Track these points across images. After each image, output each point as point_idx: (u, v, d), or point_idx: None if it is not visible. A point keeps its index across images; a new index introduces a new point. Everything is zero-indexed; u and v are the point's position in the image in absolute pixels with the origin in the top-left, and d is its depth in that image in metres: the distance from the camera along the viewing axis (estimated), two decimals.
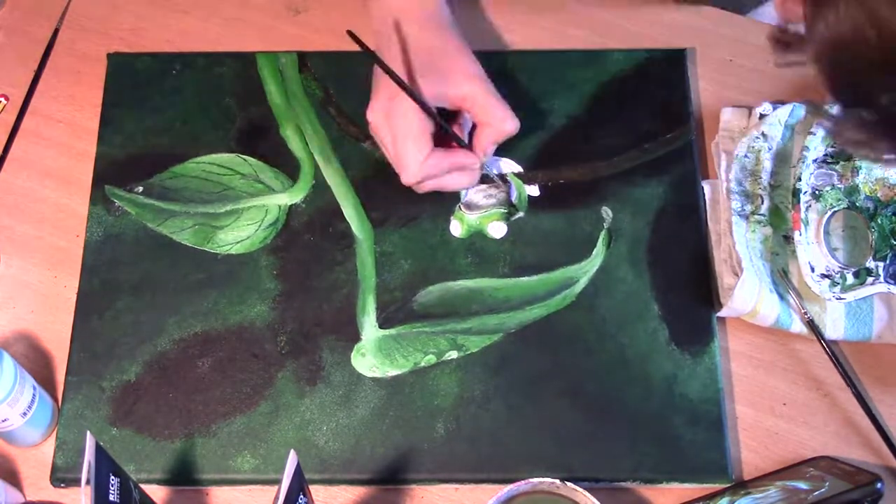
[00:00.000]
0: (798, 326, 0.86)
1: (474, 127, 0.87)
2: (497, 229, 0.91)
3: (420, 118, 0.82)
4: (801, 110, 0.93)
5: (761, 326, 0.87)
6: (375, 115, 0.85)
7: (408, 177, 0.84)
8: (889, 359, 0.87)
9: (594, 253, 0.90)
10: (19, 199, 0.95)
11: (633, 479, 0.82)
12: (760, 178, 0.90)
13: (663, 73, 0.98)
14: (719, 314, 0.87)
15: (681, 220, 0.91)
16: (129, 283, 0.89)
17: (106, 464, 0.68)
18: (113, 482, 0.68)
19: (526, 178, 0.92)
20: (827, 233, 0.87)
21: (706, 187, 0.92)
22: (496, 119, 0.84)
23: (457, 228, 0.91)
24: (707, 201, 0.91)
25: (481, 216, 0.91)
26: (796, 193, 0.87)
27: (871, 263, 0.86)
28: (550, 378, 0.85)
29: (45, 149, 0.97)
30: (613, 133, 0.95)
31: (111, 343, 0.86)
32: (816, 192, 0.88)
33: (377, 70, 0.86)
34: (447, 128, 0.84)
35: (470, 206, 0.91)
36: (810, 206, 0.88)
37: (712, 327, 0.87)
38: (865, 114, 0.58)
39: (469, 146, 0.86)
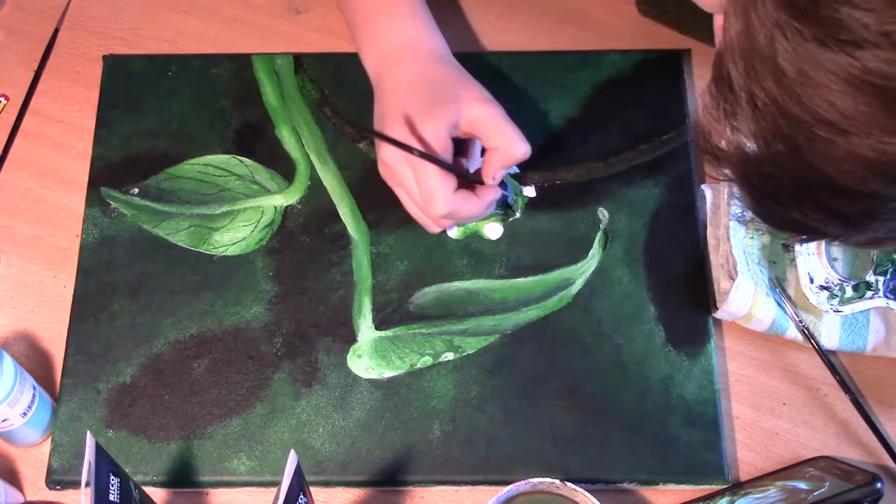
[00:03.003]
0: (793, 332, 0.85)
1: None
2: (493, 231, 0.90)
3: (442, 152, 0.80)
4: None
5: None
6: (393, 155, 0.82)
7: (438, 208, 0.80)
8: (885, 361, 0.87)
9: (590, 254, 0.89)
10: (19, 199, 0.95)
11: (630, 481, 0.82)
12: None
13: (660, 75, 0.97)
14: (715, 316, 0.87)
15: (677, 221, 0.91)
16: (125, 285, 0.89)
17: (106, 464, 0.68)
18: (113, 482, 0.68)
19: (522, 180, 0.92)
20: (828, 242, 0.87)
21: (707, 192, 0.91)
22: (507, 143, 0.82)
23: (453, 230, 0.91)
24: (708, 206, 0.91)
25: None
26: None
27: (871, 277, 0.85)
28: (547, 379, 0.85)
29: (45, 149, 0.97)
30: (609, 134, 0.94)
31: (107, 345, 0.87)
32: None
33: (387, 105, 0.84)
34: (464, 169, 0.83)
35: None
36: None
37: (709, 328, 0.86)
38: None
39: (481, 180, 0.84)
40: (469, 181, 0.84)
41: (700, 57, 0.99)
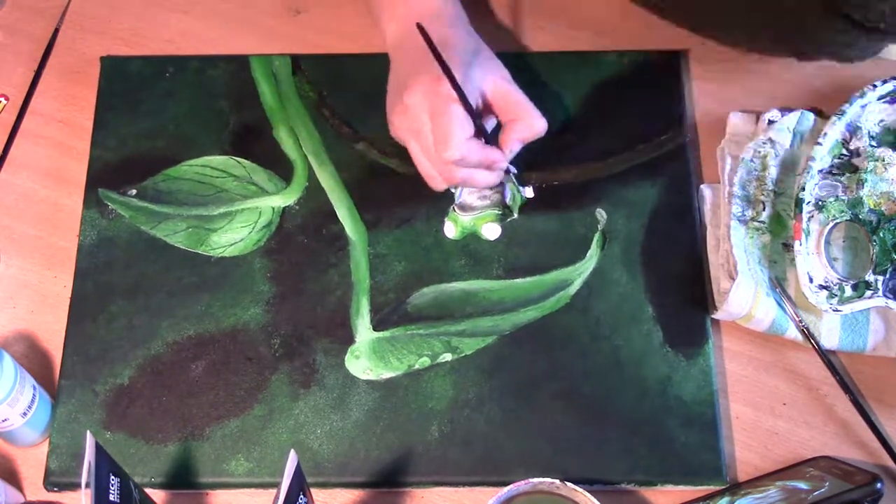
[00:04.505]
0: (793, 332, 0.85)
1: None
2: (491, 231, 0.90)
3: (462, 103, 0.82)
4: (809, 118, 0.91)
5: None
6: (414, 96, 0.82)
7: (451, 150, 0.80)
8: (885, 361, 0.86)
9: (588, 255, 0.89)
10: (19, 199, 0.95)
11: (628, 482, 0.81)
12: (765, 183, 0.89)
13: (658, 75, 0.97)
14: (714, 317, 0.86)
15: (675, 221, 0.90)
16: (123, 287, 0.89)
17: (106, 464, 0.68)
18: (113, 482, 0.68)
19: (520, 180, 0.92)
20: (827, 242, 0.86)
21: (707, 191, 0.91)
22: (527, 116, 0.84)
23: (451, 230, 0.91)
24: (708, 206, 0.91)
25: (475, 217, 0.90)
26: (799, 203, 0.86)
27: (870, 277, 0.84)
28: (545, 380, 0.85)
29: (45, 149, 0.97)
30: (608, 134, 0.94)
31: (104, 346, 0.87)
32: (820, 202, 0.87)
33: (412, 61, 0.85)
34: (480, 122, 0.83)
35: (464, 208, 0.91)
36: (812, 216, 0.87)
37: (706, 329, 0.86)
38: None
39: (496, 145, 0.85)
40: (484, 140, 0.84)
41: (699, 57, 0.99)
